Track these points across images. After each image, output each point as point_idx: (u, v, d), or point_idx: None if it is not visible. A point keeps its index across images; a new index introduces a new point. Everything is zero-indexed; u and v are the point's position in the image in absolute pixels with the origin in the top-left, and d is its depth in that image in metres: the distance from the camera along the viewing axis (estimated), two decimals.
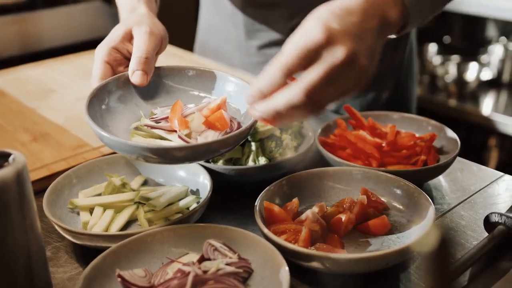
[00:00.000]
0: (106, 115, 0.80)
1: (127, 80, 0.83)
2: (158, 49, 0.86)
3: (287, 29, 1.24)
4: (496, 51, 2.41)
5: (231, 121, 0.81)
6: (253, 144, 0.89)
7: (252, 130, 0.76)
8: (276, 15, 1.23)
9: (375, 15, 0.69)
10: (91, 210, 0.82)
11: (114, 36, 0.84)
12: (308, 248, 0.71)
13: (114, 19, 1.85)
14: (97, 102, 0.79)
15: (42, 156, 0.97)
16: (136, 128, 0.81)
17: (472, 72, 2.41)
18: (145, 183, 0.90)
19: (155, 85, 0.86)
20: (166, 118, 0.81)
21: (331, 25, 0.65)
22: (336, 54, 0.64)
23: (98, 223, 0.78)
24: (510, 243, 0.75)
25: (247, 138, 0.87)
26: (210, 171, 0.85)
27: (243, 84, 0.85)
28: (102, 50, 0.84)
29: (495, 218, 0.76)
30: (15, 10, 1.69)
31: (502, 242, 0.74)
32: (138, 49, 0.82)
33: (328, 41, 0.64)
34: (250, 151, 0.89)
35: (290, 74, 0.66)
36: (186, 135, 0.78)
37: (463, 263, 0.69)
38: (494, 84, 2.43)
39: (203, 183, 0.84)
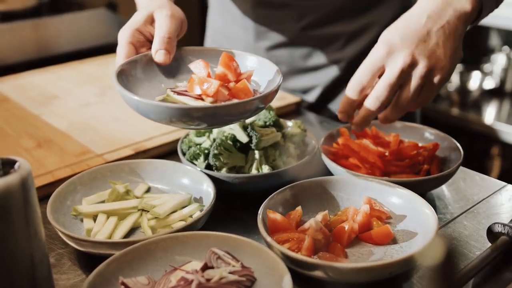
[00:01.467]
0: (132, 89, 0.82)
1: (150, 59, 0.86)
2: (179, 32, 0.89)
3: (296, 30, 1.25)
4: (499, 60, 2.41)
5: (254, 91, 0.83)
6: (256, 152, 0.89)
7: (273, 98, 0.80)
8: (286, 16, 1.24)
9: (441, 15, 0.80)
10: (94, 217, 0.82)
11: (137, 19, 0.88)
12: (311, 257, 0.71)
13: (119, 26, 1.86)
14: (124, 76, 0.83)
15: (46, 163, 0.97)
16: (162, 100, 0.82)
17: (475, 81, 2.41)
18: (148, 190, 0.90)
19: (177, 64, 0.90)
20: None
21: (390, 38, 0.79)
22: (396, 61, 0.77)
23: (102, 230, 0.79)
24: None
25: (252, 145, 0.87)
26: (213, 179, 0.85)
27: (263, 61, 0.88)
28: (126, 32, 0.87)
29: (498, 228, 0.75)
30: (22, 16, 1.69)
31: (505, 253, 0.74)
32: (161, 30, 0.85)
33: (389, 52, 0.77)
34: (253, 160, 0.89)
35: (364, 90, 0.79)
36: (211, 103, 0.79)
37: (466, 273, 0.69)
38: (497, 93, 2.43)
39: (207, 191, 0.84)
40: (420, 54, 0.78)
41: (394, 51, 0.78)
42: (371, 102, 0.78)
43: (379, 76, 0.80)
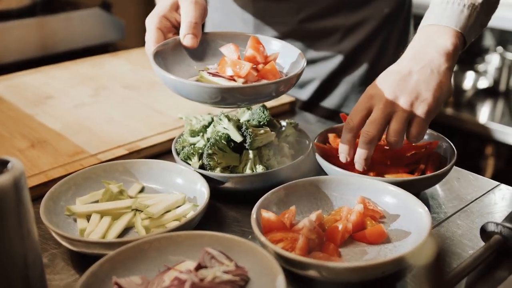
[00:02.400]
0: (167, 71, 0.85)
1: (178, 43, 0.91)
2: (202, 17, 0.92)
3: (295, 23, 1.26)
4: (493, 60, 2.42)
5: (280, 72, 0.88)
6: (250, 152, 0.89)
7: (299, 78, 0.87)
8: (285, 9, 1.26)
9: (423, 56, 0.86)
10: (88, 217, 0.82)
11: (163, 6, 0.92)
12: (305, 257, 0.71)
13: (113, 26, 1.85)
14: (160, 58, 0.86)
15: (40, 163, 0.97)
16: (197, 81, 0.85)
17: (469, 81, 2.42)
18: (142, 190, 0.90)
19: (203, 48, 0.94)
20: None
21: (376, 83, 0.86)
22: (380, 99, 0.83)
23: (95, 230, 0.78)
24: (506, 252, 0.75)
25: (246, 145, 0.87)
26: (207, 178, 0.85)
27: (286, 45, 0.93)
28: (154, 18, 0.91)
29: (491, 228, 0.76)
30: (16, 16, 1.69)
31: (498, 251, 0.74)
32: (187, 15, 0.89)
33: (374, 94, 0.84)
34: (247, 159, 0.89)
35: (354, 130, 0.85)
36: (242, 84, 0.83)
37: (459, 272, 0.70)
38: (491, 92, 2.43)
39: (201, 190, 0.84)
40: (401, 90, 0.84)
41: (377, 91, 0.85)
42: (362, 138, 0.84)
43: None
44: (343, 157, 0.87)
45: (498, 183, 0.94)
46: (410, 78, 0.84)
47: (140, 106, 1.22)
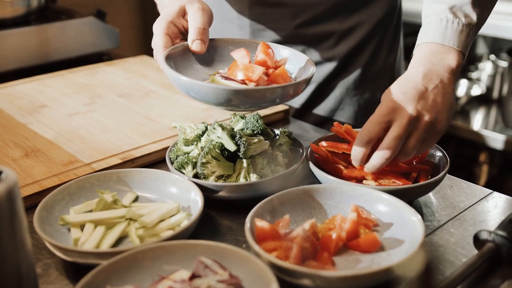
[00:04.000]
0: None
1: (187, 48, 0.92)
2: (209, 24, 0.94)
3: (291, 28, 1.27)
4: (485, 68, 2.43)
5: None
6: (244, 161, 0.89)
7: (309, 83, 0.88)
8: (282, 14, 1.27)
9: (434, 74, 0.87)
10: (82, 227, 0.82)
11: (170, 12, 0.93)
12: (299, 265, 0.71)
13: (107, 35, 1.86)
14: (169, 63, 0.87)
15: (33, 172, 0.97)
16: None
17: (462, 88, 2.43)
18: (136, 199, 0.90)
19: (210, 54, 0.96)
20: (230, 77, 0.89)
21: (394, 95, 0.85)
22: (403, 114, 0.83)
23: (89, 239, 0.78)
24: (499, 260, 0.75)
25: (241, 153, 0.88)
26: (201, 187, 0.86)
27: (293, 51, 0.96)
28: (162, 23, 0.92)
29: (484, 236, 0.76)
30: (10, 25, 1.68)
31: (491, 259, 0.75)
32: (195, 22, 0.91)
33: (395, 108, 0.84)
34: (241, 168, 0.89)
35: (372, 141, 0.84)
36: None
37: (453, 280, 0.70)
38: (484, 100, 2.45)
39: (195, 199, 0.84)
40: (423, 108, 0.84)
41: (399, 106, 0.84)
42: (383, 152, 0.83)
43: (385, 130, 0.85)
44: (356, 163, 0.87)
45: (491, 191, 0.95)
46: (427, 96, 0.85)
47: (135, 115, 1.22)
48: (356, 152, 0.85)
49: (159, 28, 0.92)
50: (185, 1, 0.94)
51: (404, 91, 0.86)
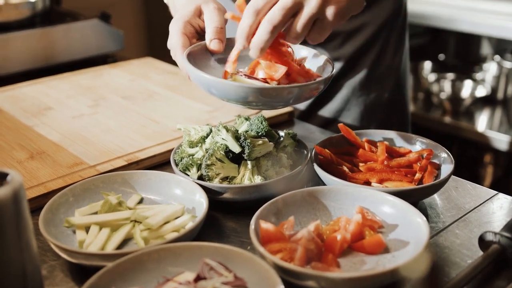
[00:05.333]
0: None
1: (204, 47, 0.93)
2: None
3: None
4: (490, 69, 2.43)
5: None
6: (249, 162, 0.89)
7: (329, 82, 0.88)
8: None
9: None
10: (87, 229, 0.82)
11: (186, 12, 0.93)
12: (304, 267, 0.71)
13: (112, 37, 1.86)
14: (192, 60, 0.87)
15: (39, 174, 0.97)
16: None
17: (466, 89, 2.43)
18: (141, 201, 0.90)
19: (226, 52, 0.94)
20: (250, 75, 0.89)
21: None
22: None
23: (94, 241, 0.78)
24: (504, 262, 0.75)
25: (245, 155, 0.88)
26: (206, 189, 0.86)
27: (311, 50, 0.96)
28: (178, 23, 0.92)
29: (489, 237, 0.76)
30: (15, 28, 1.69)
31: (496, 261, 0.74)
32: (212, 21, 0.91)
33: None
34: (246, 170, 0.89)
35: (259, 14, 0.81)
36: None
37: (458, 282, 0.70)
38: (489, 101, 2.44)
39: (199, 201, 0.84)
40: None
41: None
42: (265, 25, 0.81)
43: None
44: (240, 43, 0.84)
45: (496, 192, 0.95)
46: None
47: (139, 117, 1.22)
48: (243, 25, 0.82)
49: (176, 28, 0.92)
50: (200, 1, 0.94)
51: None
